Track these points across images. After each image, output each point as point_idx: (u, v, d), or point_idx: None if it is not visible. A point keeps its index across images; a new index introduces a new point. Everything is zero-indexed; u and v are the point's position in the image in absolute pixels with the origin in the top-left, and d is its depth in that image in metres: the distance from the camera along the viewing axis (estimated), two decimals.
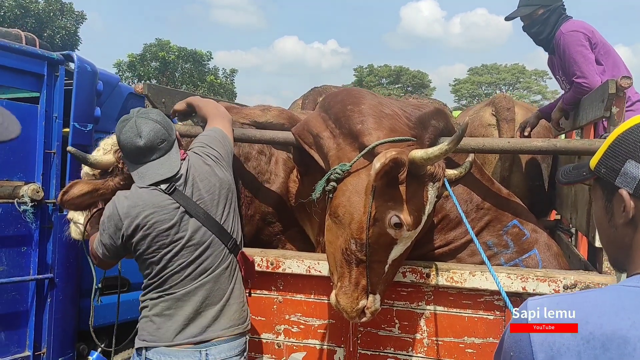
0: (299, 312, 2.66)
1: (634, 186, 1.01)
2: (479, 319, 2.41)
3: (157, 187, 2.19)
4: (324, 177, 2.22)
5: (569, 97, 3.25)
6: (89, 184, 2.57)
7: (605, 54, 3.32)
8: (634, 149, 1.02)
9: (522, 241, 2.65)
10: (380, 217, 2.07)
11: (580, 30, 3.29)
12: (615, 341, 0.90)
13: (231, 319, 2.23)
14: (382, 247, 2.12)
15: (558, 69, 3.58)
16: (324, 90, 3.57)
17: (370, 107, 2.35)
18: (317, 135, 2.44)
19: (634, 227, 1.03)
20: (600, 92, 2.53)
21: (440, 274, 2.41)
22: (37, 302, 3.71)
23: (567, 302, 1.00)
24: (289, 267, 2.60)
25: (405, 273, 2.44)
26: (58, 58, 3.76)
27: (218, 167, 2.33)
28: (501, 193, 2.77)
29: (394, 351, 2.52)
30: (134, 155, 2.23)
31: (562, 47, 3.34)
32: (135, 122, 2.22)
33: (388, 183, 2.04)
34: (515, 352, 1.01)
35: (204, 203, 2.23)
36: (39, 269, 3.69)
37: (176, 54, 33.12)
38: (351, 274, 2.13)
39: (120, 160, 2.63)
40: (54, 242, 3.71)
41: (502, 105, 3.52)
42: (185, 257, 2.18)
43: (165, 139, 2.24)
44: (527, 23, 3.61)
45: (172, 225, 2.17)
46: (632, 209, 1.01)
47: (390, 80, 53.04)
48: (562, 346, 0.94)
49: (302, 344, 2.66)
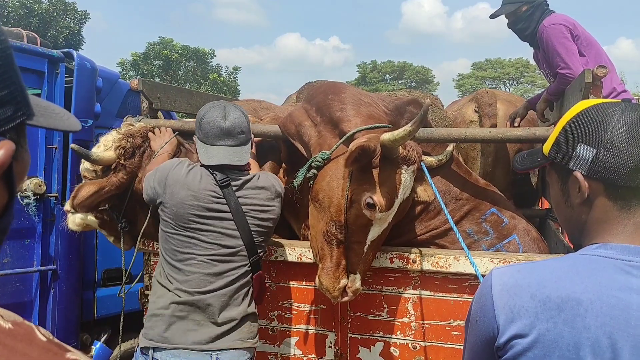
0: (291, 298, 2.73)
1: (586, 167, 1.07)
2: (464, 303, 2.47)
3: (212, 175, 2.22)
4: (306, 165, 2.33)
5: (554, 88, 3.30)
6: (94, 184, 2.65)
7: (588, 46, 3.36)
8: (584, 133, 1.08)
9: (501, 227, 2.72)
10: (356, 199, 2.19)
11: (562, 23, 3.34)
12: (569, 303, 0.98)
13: (241, 332, 2.22)
14: (359, 228, 2.22)
15: (543, 63, 3.63)
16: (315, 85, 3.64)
17: (349, 96, 2.46)
18: (300, 124, 2.54)
19: (589, 206, 1.10)
20: (578, 82, 2.59)
21: (426, 260, 2.47)
22: (41, 293, 3.78)
23: (527, 269, 1.08)
24: (281, 255, 2.67)
25: (393, 259, 2.51)
26: (58, 55, 3.83)
27: (278, 200, 2.37)
28: (478, 183, 2.84)
29: (383, 335, 2.59)
30: (213, 136, 2.24)
31: (545, 40, 3.39)
32: (225, 106, 2.29)
33: (363, 167, 2.15)
34: (480, 317, 1.09)
35: (250, 213, 2.25)
36: (42, 260, 3.75)
37: (179, 52, 33.12)
38: (332, 255, 2.23)
39: (121, 156, 2.72)
40: (57, 235, 3.78)
41: (484, 100, 3.57)
42: (208, 252, 2.19)
43: (245, 131, 2.28)
44: (511, 20, 3.65)
45: (206, 215, 2.19)
46: (586, 189, 1.08)
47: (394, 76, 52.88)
48: (521, 308, 1.01)
49: (294, 329, 2.73)
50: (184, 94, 3.62)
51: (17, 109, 0.69)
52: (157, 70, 32.80)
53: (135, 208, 2.81)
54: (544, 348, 0.98)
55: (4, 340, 0.58)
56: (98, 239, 4.08)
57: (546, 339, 0.98)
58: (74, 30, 25.48)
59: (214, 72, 34.70)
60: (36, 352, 0.60)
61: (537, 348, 0.99)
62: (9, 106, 0.68)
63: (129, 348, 4.07)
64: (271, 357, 2.76)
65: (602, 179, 1.06)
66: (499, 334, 1.04)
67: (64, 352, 0.62)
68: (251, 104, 3.38)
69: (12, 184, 0.72)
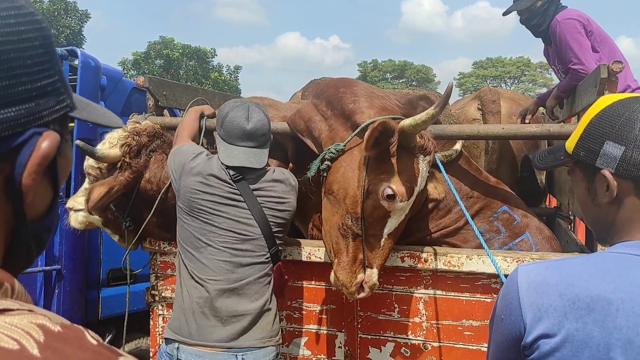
0: (300, 298, 2.70)
1: (615, 165, 1.04)
2: (476, 302, 2.44)
3: (226, 171, 2.24)
4: (319, 157, 2.29)
5: (565, 84, 3.26)
6: (103, 185, 2.62)
7: (602, 42, 3.33)
8: (610, 130, 1.05)
9: (513, 226, 2.68)
10: (373, 189, 2.13)
11: (576, 18, 3.31)
12: (599, 303, 0.95)
13: (264, 330, 2.22)
14: (376, 220, 2.17)
15: (554, 59, 3.59)
16: (322, 82, 3.61)
17: (361, 89, 2.43)
18: (309, 119, 2.50)
19: (617, 205, 1.07)
20: (593, 77, 2.55)
21: (438, 259, 2.44)
22: (45, 293, 3.76)
23: (554, 266, 1.05)
24: (289, 254, 2.63)
25: (404, 258, 2.48)
26: (62, 53, 3.81)
27: (293, 192, 2.38)
28: (489, 181, 2.80)
29: (393, 335, 2.56)
30: (235, 136, 2.27)
31: (558, 35, 3.35)
32: (249, 107, 2.30)
33: (380, 156, 2.10)
34: (506, 315, 1.05)
35: (266, 204, 2.26)
36: (46, 260, 3.74)
37: (180, 52, 33.21)
38: (348, 249, 2.17)
39: (127, 154, 2.68)
40: (61, 234, 3.75)
41: (488, 97, 3.53)
42: (225, 239, 2.20)
43: (266, 134, 2.31)
44: (525, 16, 3.62)
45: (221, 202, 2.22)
46: (615, 188, 1.05)
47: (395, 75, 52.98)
48: (549, 307, 0.99)
49: (303, 330, 2.70)
50: (190, 91, 3.58)
51: (59, 100, 0.65)
52: (158, 70, 32.86)
53: (141, 207, 2.77)
54: (572, 348, 0.96)
55: (53, 344, 0.54)
56: (102, 239, 4.05)
57: (575, 339, 0.95)
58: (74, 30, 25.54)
59: (215, 71, 34.74)
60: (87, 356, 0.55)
61: (565, 348, 0.96)
62: (52, 96, 0.64)
63: (133, 348, 4.05)
64: (280, 357, 2.72)
65: (632, 177, 1.03)
66: (526, 333, 1.01)
67: (116, 356, 0.58)
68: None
69: (56, 180, 0.68)
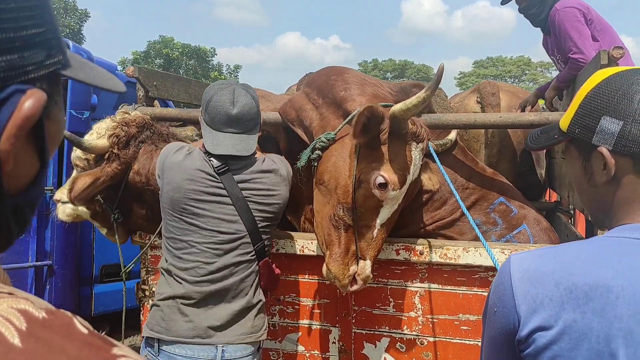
0: (293, 292, 2.64)
1: (612, 142, 0.98)
2: (473, 296, 2.39)
3: (210, 161, 2.13)
4: (310, 146, 2.23)
5: (564, 74, 3.20)
6: (89, 175, 2.57)
7: (602, 31, 3.27)
8: (607, 104, 0.99)
9: (510, 217, 2.63)
10: (365, 178, 2.08)
11: (575, 6, 3.25)
12: (598, 290, 0.89)
13: (244, 326, 2.14)
14: (369, 210, 2.12)
15: (553, 49, 3.54)
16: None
17: (353, 76, 2.38)
18: (300, 108, 2.45)
19: (615, 184, 1.00)
20: (593, 64, 2.50)
21: (434, 251, 2.39)
22: (36, 289, 3.72)
23: (549, 253, 0.98)
24: (282, 247, 2.58)
25: (399, 251, 2.42)
26: None
27: (284, 183, 2.26)
28: (485, 172, 2.74)
29: (388, 330, 2.51)
30: (220, 122, 2.13)
31: (557, 24, 3.29)
32: (234, 90, 2.15)
33: (371, 144, 2.04)
34: (499, 308, 0.99)
35: (252, 198, 2.15)
36: (37, 255, 3.70)
37: (180, 51, 33.25)
38: (340, 241, 2.12)
39: (115, 145, 2.62)
40: (52, 229, 3.72)
41: (487, 90, 3.48)
42: (208, 240, 2.11)
43: (254, 118, 2.17)
44: (524, 5, 3.56)
45: (204, 199, 2.11)
46: (613, 166, 0.99)
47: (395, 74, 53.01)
48: (545, 297, 0.92)
49: (297, 325, 2.65)
50: (182, 82, 3.53)
51: (49, 55, 0.57)
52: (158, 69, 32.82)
53: (129, 199, 2.72)
54: (571, 341, 0.89)
55: (36, 332, 0.46)
56: (95, 234, 4.00)
57: (573, 331, 0.89)
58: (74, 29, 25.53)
59: (215, 70, 34.77)
60: (76, 346, 0.48)
61: (563, 341, 0.90)
62: (40, 49, 0.56)
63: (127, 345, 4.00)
64: (273, 353, 2.67)
65: (631, 154, 0.97)
66: (520, 326, 0.94)
67: (109, 346, 0.50)
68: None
69: (43, 147, 0.59)
